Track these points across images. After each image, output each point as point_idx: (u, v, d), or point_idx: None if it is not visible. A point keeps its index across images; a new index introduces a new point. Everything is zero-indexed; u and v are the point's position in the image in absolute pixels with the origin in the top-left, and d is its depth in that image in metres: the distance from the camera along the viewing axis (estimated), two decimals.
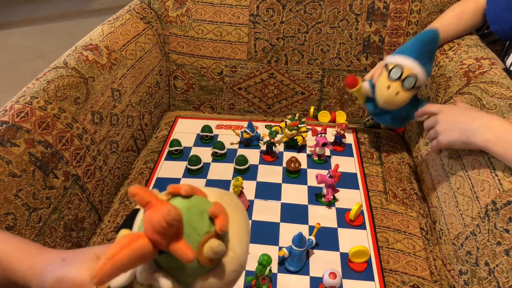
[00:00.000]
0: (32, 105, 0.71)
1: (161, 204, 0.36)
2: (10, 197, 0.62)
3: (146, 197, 0.36)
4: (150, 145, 0.99)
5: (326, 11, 1.02)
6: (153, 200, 0.36)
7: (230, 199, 0.46)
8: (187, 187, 0.40)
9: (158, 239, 0.35)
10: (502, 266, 0.58)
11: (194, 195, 0.40)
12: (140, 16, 1.04)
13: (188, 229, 0.37)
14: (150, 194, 0.36)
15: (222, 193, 0.46)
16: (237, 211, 0.45)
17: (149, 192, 0.37)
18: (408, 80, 0.80)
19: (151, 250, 0.35)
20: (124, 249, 0.34)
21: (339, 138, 0.94)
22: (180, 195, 0.40)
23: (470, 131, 0.65)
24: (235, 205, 0.45)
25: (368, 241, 0.74)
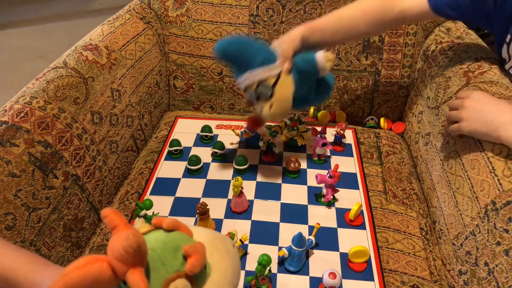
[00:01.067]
0: (31, 105, 0.71)
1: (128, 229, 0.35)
2: (9, 197, 0.62)
3: (115, 221, 0.36)
4: (150, 145, 0.99)
5: (326, 11, 1.02)
6: (121, 225, 0.36)
7: (223, 244, 0.44)
8: (170, 221, 0.39)
9: (117, 265, 0.34)
10: (502, 266, 0.58)
11: (176, 230, 0.40)
12: (140, 16, 1.04)
13: (158, 263, 0.36)
14: (119, 218, 0.36)
15: (215, 236, 0.45)
16: (226, 258, 0.43)
17: (119, 216, 0.36)
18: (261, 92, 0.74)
19: (109, 275, 0.34)
20: (79, 270, 0.33)
21: (339, 138, 0.94)
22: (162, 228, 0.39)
23: (496, 124, 0.63)
24: (225, 251, 0.44)
25: (368, 241, 0.74)
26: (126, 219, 0.37)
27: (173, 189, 0.84)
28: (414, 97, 1.02)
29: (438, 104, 0.87)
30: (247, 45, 0.75)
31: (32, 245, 0.65)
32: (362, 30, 0.84)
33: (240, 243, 0.68)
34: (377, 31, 0.89)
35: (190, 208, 0.78)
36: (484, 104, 0.67)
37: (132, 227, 0.36)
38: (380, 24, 0.83)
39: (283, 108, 0.76)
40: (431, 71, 0.94)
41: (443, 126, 0.83)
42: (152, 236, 0.39)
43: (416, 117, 0.98)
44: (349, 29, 0.84)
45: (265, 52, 0.76)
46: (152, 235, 0.39)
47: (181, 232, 0.40)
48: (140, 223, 0.40)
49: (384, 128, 1.07)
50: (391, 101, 1.09)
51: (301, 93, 0.77)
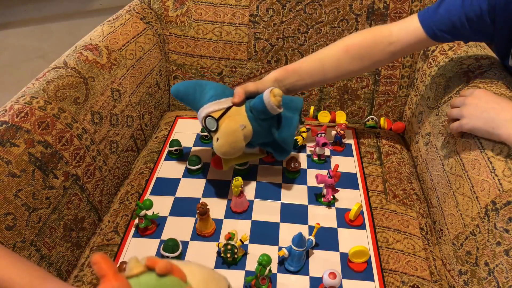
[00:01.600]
0: (31, 105, 0.71)
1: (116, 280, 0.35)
2: (9, 197, 0.62)
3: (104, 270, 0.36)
4: (150, 145, 0.99)
5: (326, 11, 1.02)
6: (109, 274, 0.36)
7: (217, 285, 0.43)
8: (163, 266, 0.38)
9: None
10: (502, 266, 0.58)
11: (170, 274, 0.39)
12: (140, 16, 1.04)
13: None
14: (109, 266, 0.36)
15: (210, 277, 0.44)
16: None
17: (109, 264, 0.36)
18: (208, 125, 0.75)
19: None
20: None
21: (339, 138, 0.94)
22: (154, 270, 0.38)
23: (496, 121, 0.63)
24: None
25: (368, 241, 0.74)
26: (115, 266, 0.37)
27: (173, 189, 0.84)
28: (414, 97, 1.02)
29: (438, 104, 0.87)
30: (197, 85, 0.78)
31: (32, 245, 0.65)
32: (347, 68, 0.82)
33: (240, 243, 0.68)
34: (366, 68, 0.83)
35: (190, 208, 0.78)
36: (486, 102, 0.66)
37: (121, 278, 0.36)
38: (367, 60, 0.81)
39: (230, 142, 0.73)
40: (431, 71, 0.94)
41: (443, 126, 0.83)
42: (144, 280, 0.38)
43: (416, 117, 0.98)
44: (331, 69, 0.82)
45: (217, 90, 0.77)
46: (143, 279, 0.38)
47: (174, 277, 0.39)
48: (134, 263, 0.39)
49: (384, 128, 1.07)
50: (391, 101, 1.09)
51: (260, 130, 0.75)
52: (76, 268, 0.73)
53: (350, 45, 0.81)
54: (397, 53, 0.80)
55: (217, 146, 0.73)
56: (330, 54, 0.83)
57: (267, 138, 0.78)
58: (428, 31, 0.74)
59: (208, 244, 0.72)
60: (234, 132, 0.73)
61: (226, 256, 0.68)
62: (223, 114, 0.74)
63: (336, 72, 0.83)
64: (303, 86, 0.85)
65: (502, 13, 0.66)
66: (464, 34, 0.72)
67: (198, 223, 0.74)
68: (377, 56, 0.80)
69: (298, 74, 0.82)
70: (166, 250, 0.68)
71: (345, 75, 0.87)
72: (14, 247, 0.62)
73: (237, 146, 0.74)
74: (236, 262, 0.69)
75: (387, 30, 0.79)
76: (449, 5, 0.71)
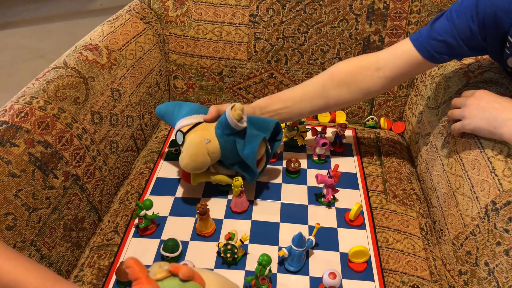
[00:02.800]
0: (31, 105, 0.71)
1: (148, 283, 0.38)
2: (9, 197, 0.62)
3: (137, 273, 0.38)
4: (150, 145, 0.99)
5: (326, 11, 1.02)
6: (142, 278, 0.38)
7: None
8: (187, 271, 0.41)
9: None
10: (502, 266, 0.58)
11: (192, 280, 0.41)
12: (140, 16, 1.04)
13: None
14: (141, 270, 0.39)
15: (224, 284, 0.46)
16: None
17: (141, 268, 0.39)
18: (177, 139, 0.77)
19: None
20: None
21: (339, 138, 0.94)
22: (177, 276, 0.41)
23: (498, 121, 0.63)
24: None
25: (368, 241, 0.74)
26: (147, 271, 0.40)
27: (173, 189, 0.84)
28: (414, 97, 1.02)
29: (438, 104, 0.87)
30: (176, 104, 0.83)
31: (32, 245, 0.65)
32: (334, 96, 0.80)
33: (240, 243, 0.68)
34: (355, 96, 0.80)
35: (190, 208, 0.78)
36: (487, 102, 0.67)
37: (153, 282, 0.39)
38: (354, 87, 0.79)
39: (190, 154, 0.72)
40: (431, 71, 0.94)
41: (443, 126, 0.83)
42: (168, 285, 0.40)
43: (416, 117, 0.98)
44: (316, 96, 0.81)
45: (192, 107, 0.81)
46: (167, 283, 0.41)
47: (196, 283, 0.42)
48: (157, 268, 0.42)
49: (384, 128, 1.07)
50: (391, 101, 1.09)
51: (227, 147, 0.75)
52: (76, 268, 0.73)
53: (335, 72, 0.80)
54: (388, 78, 0.77)
55: (180, 158, 0.74)
56: (314, 82, 0.82)
57: (235, 158, 0.76)
58: (424, 54, 0.73)
59: (208, 244, 0.72)
60: (197, 144, 0.73)
61: (226, 256, 0.68)
62: (191, 129, 0.76)
63: (322, 99, 0.81)
64: (289, 114, 0.82)
65: (491, 29, 0.66)
66: (462, 52, 0.72)
67: (198, 223, 0.74)
68: (365, 83, 0.78)
69: (281, 100, 0.81)
70: (166, 250, 0.68)
71: (336, 104, 0.83)
72: (14, 247, 0.62)
73: (199, 159, 0.73)
74: (236, 262, 0.70)
75: (375, 56, 0.78)
76: (441, 29, 0.71)
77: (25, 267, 0.49)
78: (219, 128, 0.74)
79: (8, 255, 0.50)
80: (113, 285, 0.67)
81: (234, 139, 0.74)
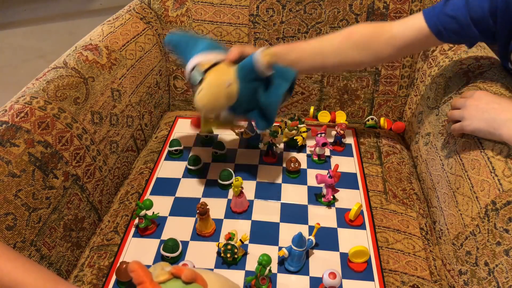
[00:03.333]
0: (31, 105, 0.71)
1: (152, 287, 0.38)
2: (9, 197, 0.62)
3: (142, 277, 0.39)
4: (150, 145, 0.99)
5: (326, 11, 1.02)
6: (146, 282, 0.39)
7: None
8: (189, 274, 0.41)
9: None
10: (502, 266, 0.58)
11: (194, 282, 0.42)
12: (140, 16, 1.04)
13: None
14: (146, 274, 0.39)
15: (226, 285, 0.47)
16: None
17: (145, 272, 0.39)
18: (194, 76, 0.70)
19: None
20: None
21: (339, 138, 0.94)
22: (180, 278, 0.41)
23: (498, 121, 0.63)
24: None
25: (368, 241, 0.74)
26: (151, 275, 0.40)
27: (173, 189, 0.84)
28: (414, 97, 1.02)
29: (438, 104, 0.87)
30: (191, 37, 0.77)
31: (32, 245, 0.65)
32: (348, 55, 0.81)
33: (240, 243, 0.68)
34: (367, 59, 0.82)
35: (190, 208, 0.78)
36: (487, 102, 0.67)
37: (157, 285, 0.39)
38: (368, 49, 0.80)
39: (211, 93, 0.69)
40: (431, 71, 0.94)
41: (443, 126, 0.83)
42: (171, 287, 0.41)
43: (416, 117, 0.98)
44: (331, 53, 0.81)
45: (210, 43, 0.75)
46: (170, 285, 0.41)
47: (198, 285, 0.42)
48: (159, 270, 0.42)
49: (384, 128, 1.07)
50: (391, 101, 1.09)
51: (246, 94, 0.72)
52: (76, 268, 0.73)
53: (353, 32, 0.82)
54: (397, 47, 0.79)
55: (198, 97, 0.68)
56: (331, 39, 0.83)
57: (251, 105, 0.73)
58: (433, 28, 0.74)
59: (208, 244, 0.72)
60: (219, 86, 0.69)
61: (226, 256, 0.68)
62: (211, 67, 0.70)
63: (335, 57, 0.82)
64: (301, 66, 0.82)
65: (503, 14, 0.66)
66: (470, 33, 0.72)
67: (198, 223, 0.74)
68: (379, 48, 0.80)
69: (296, 51, 0.81)
70: (166, 250, 0.68)
71: (346, 64, 0.85)
72: (14, 247, 0.62)
73: (218, 102, 0.70)
74: (236, 262, 0.70)
75: (389, 24, 0.80)
76: (454, 5, 0.71)
77: (25, 268, 0.49)
78: (241, 71, 0.70)
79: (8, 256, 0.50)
80: (113, 285, 0.67)
81: (256, 85, 0.71)
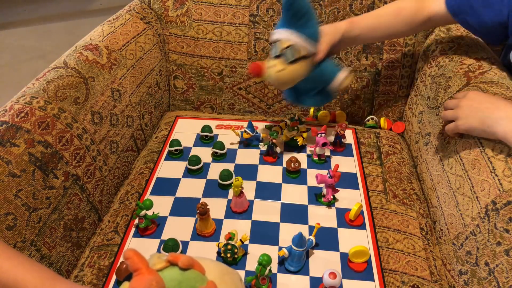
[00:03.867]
0: (32, 105, 0.71)
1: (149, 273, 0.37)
2: (10, 197, 0.62)
3: (137, 264, 0.38)
4: (150, 145, 0.99)
5: (326, 11, 1.02)
6: (142, 268, 0.38)
7: (231, 279, 0.45)
8: (186, 260, 0.41)
9: None
10: (502, 266, 0.58)
11: (191, 268, 0.41)
12: (140, 16, 1.04)
13: None
14: (141, 261, 0.38)
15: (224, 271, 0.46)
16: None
17: (141, 259, 0.38)
18: (286, 53, 0.75)
19: None
20: None
21: (339, 138, 0.94)
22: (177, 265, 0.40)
23: (491, 120, 0.64)
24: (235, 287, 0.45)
25: (368, 241, 0.74)
26: (147, 261, 0.39)
27: (173, 189, 0.84)
28: (414, 97, 1.02)
29: (438, 104, 0.87)
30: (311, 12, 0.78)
31: (32, 245, 0.65)
32: (396, 29, 0.88)
33: (240, 243, 0.68)
34: (410, 32, 0.92)
35: (190, 208, 0.78)
36: (480, 102, 0.67)
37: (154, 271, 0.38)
38: (412, 25, 0.86)
39: (287, 80, 0.78)
40: (431, 71, 0.94)
41: (443, 126, 0.83)
42: (168, 275, 0.40)
43: (416, 117, 0.98)
44: (385, 28, 0.88)
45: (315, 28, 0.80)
46: (167, 272, 0.40)
47: (195, 271, 0.41)
48: (155, 259, 0.41)
49: (384, 128, 1.07)
50: (391, 101, 1.09)
51: (304, 86, 0.82)
52: (76, 268, 0.73)
53: (401, 8, 0.87)
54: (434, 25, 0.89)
55: (277, 74, 0.76)
56: (385, 13, 0.89)
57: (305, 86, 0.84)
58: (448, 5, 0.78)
59: (208, 244, 0.72)
60: (300, 76, 0.79)
61: (226, 256, 0.68)
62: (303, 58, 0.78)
63: (387, 31, 0.89)
64: (362, 41, 0.94)
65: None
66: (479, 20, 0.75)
67: (198, 223, 0.74)
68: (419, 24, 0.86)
69: (359, 28, 0.87)
70: (166, 250, 0.68)
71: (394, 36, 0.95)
72: (15, 247, 0.62)
73: (287, 86, 0.82)
74: (236, 262, 0.70)
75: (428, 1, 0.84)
76: None
77: (24, 266, 0.49)
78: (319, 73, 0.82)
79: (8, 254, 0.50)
80: (113, 285, 0.67)
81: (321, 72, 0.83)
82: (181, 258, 0.41)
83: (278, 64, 0.76)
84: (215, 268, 0.45)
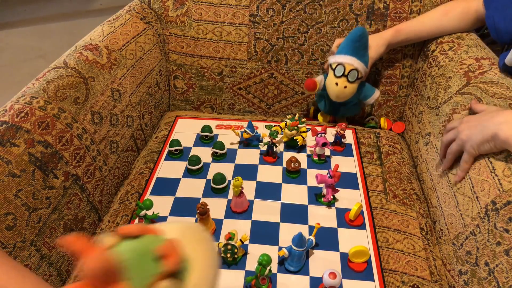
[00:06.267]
0: (32, 105, 0.71)
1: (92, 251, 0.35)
2: (10, 197, 0.62)
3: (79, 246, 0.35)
4: (150, 145, 0.99)
5: (326, 11, 1.02)
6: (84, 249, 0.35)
7: (193, 232, 0.44)
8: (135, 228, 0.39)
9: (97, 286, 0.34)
10: (502, 266, 0.58)
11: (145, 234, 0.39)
12: (140, 16, 1.04)
13: (134, 272, 0.36)
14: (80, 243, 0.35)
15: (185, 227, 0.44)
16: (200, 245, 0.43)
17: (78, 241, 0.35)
18: (351, 74, 0.92)
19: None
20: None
21: (339, 138, 0.94)
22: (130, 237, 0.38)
23: (491, 127, 0.63)
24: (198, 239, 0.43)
25: (368, 241, 0.74)
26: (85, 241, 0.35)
27: (173, 189, 0.84)
28: (414, 97, 1.02)
29: (438, 104, 0.87)
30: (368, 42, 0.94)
31: (32, 245, 0.65)
32: (447, 28, 0.95)
33: (240, 243, 0.68)
34: (461, 28, 0.95)
35: (190, 208, 0.78)
36: (476, 119, 0.67)
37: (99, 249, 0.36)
38: (463, 21, 0.93)
39: (346, 94, 0.95)
40: (431, 71, 0.94)
41: (443, 126, 0.83)
42: (122, 247, 0.38)
43: (416, 117, 0.98)
44: (433, 29, 0.96)
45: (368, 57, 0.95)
46: (121, 246, 0.38)
47: (150, 235, 0.39)
48: (106, 238, 0.38)
49: (384, 128, 1.07)
50: (391, 101, 1.09)
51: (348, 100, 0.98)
52: (76, 268, 0.73)
53: (448, 9, 0.93)
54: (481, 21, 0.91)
55: (344, 90, 0.94)
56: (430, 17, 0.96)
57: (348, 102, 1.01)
58: None
59: None
60: (353, 93, 0.96)
61: (226, 256, 0.68)
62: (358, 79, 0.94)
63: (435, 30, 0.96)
64: (404, 44, 1.01)
65: None
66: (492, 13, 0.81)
67: (198, 223, 0.74)
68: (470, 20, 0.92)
69: (404, 33, 0.97)
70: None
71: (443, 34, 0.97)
72: (14, 247, 0.62)
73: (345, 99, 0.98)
74: (236, 262, 0.70)
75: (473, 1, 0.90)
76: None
77: (6, 272, 0.48)
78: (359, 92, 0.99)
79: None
80: None
81: None
82: (131, 227, 0.38)
83: (342, 82, 0.93)
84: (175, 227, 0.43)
